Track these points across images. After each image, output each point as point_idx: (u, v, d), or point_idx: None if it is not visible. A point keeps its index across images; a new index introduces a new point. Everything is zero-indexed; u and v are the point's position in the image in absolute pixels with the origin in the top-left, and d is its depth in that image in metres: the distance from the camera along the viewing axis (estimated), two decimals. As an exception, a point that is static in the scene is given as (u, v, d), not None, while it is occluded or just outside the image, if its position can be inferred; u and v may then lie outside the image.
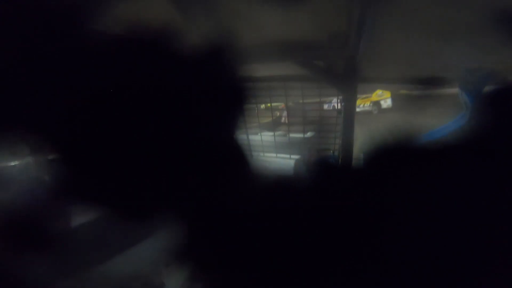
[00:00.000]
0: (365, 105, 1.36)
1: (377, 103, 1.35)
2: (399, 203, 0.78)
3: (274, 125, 1.22)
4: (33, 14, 0.69)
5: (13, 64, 0.68)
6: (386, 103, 1.32)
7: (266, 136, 1.22)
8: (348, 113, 1.08)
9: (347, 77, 1.07)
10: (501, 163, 0.76)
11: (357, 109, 1.17)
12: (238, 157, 0.95)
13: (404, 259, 0.72)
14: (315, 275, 0.77)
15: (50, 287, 0.76)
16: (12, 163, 0.85)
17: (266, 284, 0.79)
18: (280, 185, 0.94)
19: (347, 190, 0.87)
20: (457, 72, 1.07)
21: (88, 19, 0.73)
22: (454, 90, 1.08)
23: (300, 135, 1.19)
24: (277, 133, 1.23)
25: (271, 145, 1.22)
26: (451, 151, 0.85)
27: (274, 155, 1.21)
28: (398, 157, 0.88)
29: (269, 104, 1.23)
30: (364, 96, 1.37)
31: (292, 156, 1.17)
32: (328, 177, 0.96)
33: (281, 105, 1.28)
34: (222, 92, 0.88)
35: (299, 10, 0.95)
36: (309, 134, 1.18)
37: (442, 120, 0.97)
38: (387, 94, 1.31)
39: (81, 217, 0.85)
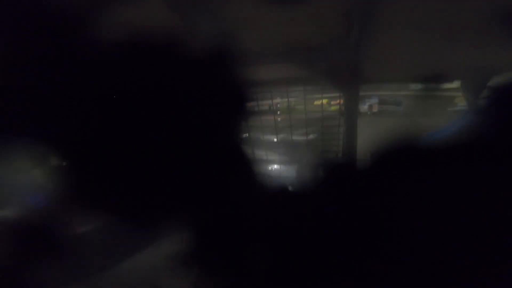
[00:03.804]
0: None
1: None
2: (403, 204, 0.77)
3: (276, 128, 1.22)
4: (38, 19, 0.70)
5: (19, 67, 0.69)
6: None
7: (269, 139, 1.22)
8: (351, 115, 1.07)
9: (349, 79, 1.06)
10: (505, 162, 0.76)
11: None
12: (241, 161, 0.95)
13: (410, 259, 0.72)
14: (320, 277, 0.77)
15: None
16: (21, 170, 0.86)
17: (272, 287, 0.79)
18: (284, 188, 0.94)
19: (351, 191, 0.87)
20: (459, 72, 1.06)
21: (93, 24, 0.74)
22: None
23: (303, 138, 1.19)
24: (280, 135, 1.23)
25: (274, 147, 1.22)
26: (454, 150, 0.85)
27: (277, 157, 1.21)
28: (402, 157, 0.87)
29: (271, 107, 1.23)
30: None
31: (295, 159, 1.16)
32: (332, 179, 0.95)
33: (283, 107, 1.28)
34: (224, 95, 0.88)
35: (301, 12, 0.95)
36: (312, 136, 1.18)
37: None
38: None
39: (89, 223, 0.85)
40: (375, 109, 1.49)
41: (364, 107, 1.53)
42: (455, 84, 1.14)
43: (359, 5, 0.93)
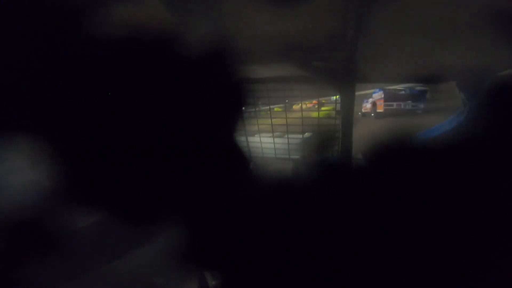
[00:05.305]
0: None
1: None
2: (399, 203, 0.78)
3: (273, 126, 1.23)
4: (35, 16, 0.70)
5: (16, 65, 0.68)
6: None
7: (265, 138, 1.23)
8: (347, 114, 1.08)
9: (346, 78, 1.07)
10: (499, 161, 0.76)
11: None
12: (238, 159, 0.95)
13: (404, 259, 0.73)
14: (315, 275, 0.77)
15: None
16: (15, 165, 0.85)
17: (268, 285, 0.80)
18: (280, 186, 0.95)
19: (347, 190, 0.87)
20: (455, 70, 1.06)
21: (89, 21, 0.74)
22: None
23: (299, 136, 1.19)
24: (276, 134, 1.23)
25: (271, 146, 1.22)
26: (448, 149, 0.85)
27: (273, 156, 1.22)
28: (396, 156, 0.88)
29: (267, 106, 1.24)
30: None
31: (292, 157, 1.17)
32: (327, 177, 0.96)
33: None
34: (221, 94, 0.88)
35: (297, 10, 0.95)
36: (307, 135, 1.18)
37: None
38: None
39: (83, 220, 0.85)
40: (380, 108, 1.17)
41: (366, 106, 1.24)
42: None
43: (356, 4, 0.93)
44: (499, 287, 0.70)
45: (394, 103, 1.11)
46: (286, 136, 1.20)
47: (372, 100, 1.18)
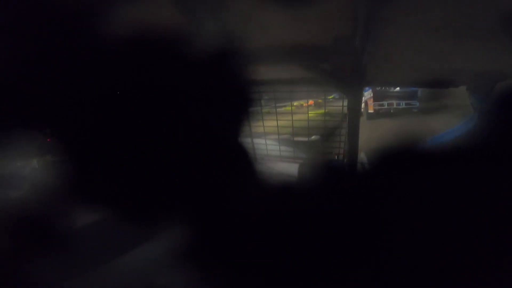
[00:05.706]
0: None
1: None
2: (405, 207, 0.77)
3: (279, 129, 1.22)
4: (41, 15, 0.71)
5: (20, 64, 0.69)
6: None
7: (271, 140, 1.22)
8: (353, 117, 1.07)
9: (353, 81, 1.06)
10: (510, 166, 0.75)
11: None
12: (242, 160, 0.95)
13: (410, 263, 0.71)
14: (319, 278, 0.76)
15: (54, 287, 0.77)
16: (17, 164, 0.86)
17: (270, 286, 0.79)
18: (284, 188, 0.94)
19: (352, 194, 0.86)
20: (465, 75, 1.05)
21: (96, 20, 0.75)
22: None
23: (305, 139, 1.18)
24: (282, 136, 1.22)
25: (276, 148, 1.22)
26: (458, 154, 0.84)
27: (278, 158, 1.21)
28: (404, 160, 0.87)
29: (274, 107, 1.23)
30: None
31: (297, 160, 1.16)
32: (333, 181, 0.95)
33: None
34: (227, 95, 0.89)
35: (305, 12, 0.95)
36: (314, 138, 1.17)
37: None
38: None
39: (85, 218, 0.85)
40: (370, 109, 1.16)
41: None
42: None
43: (365, 6, 0.92)
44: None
45: (385, 102, 1.07)
46: (292, 138, 1.20)
47: (364, 99, 1.15)
